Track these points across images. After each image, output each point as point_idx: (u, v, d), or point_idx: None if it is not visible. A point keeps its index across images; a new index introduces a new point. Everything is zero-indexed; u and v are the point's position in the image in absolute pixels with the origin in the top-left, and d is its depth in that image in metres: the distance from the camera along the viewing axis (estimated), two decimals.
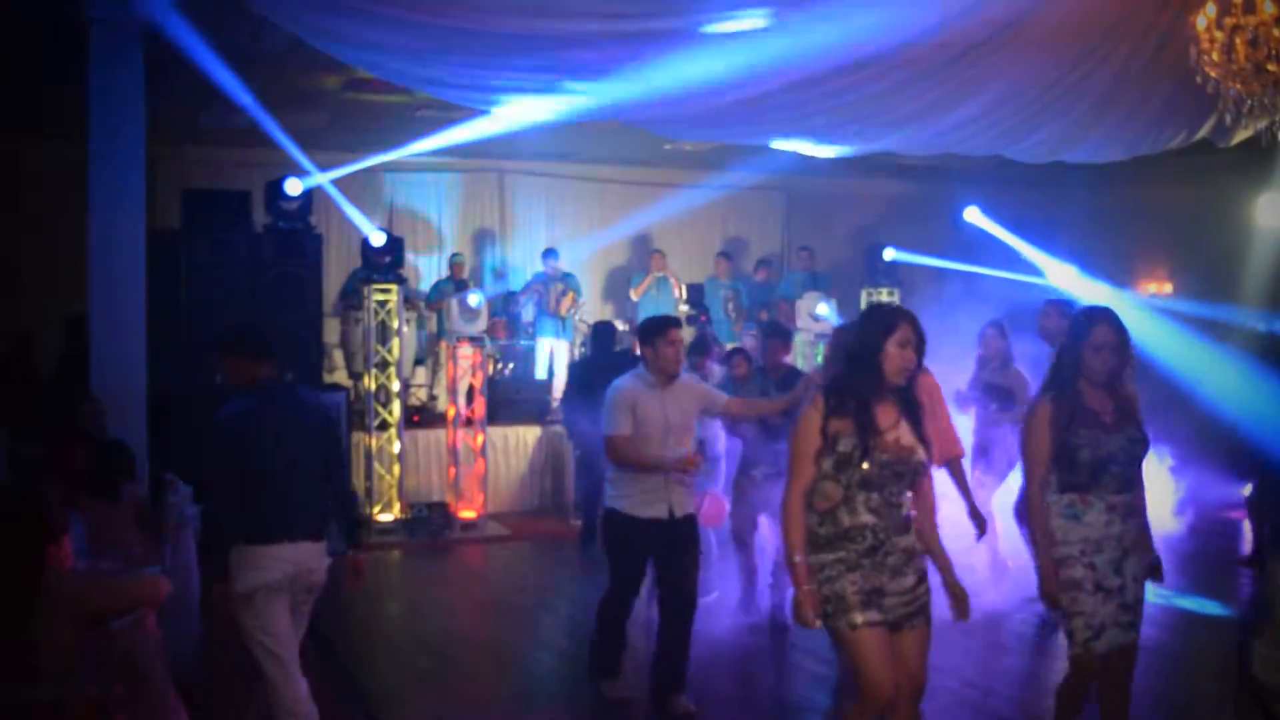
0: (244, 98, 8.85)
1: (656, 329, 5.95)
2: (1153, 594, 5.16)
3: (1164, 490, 10.05)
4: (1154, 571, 4.78)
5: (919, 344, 4.21)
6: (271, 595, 4.77)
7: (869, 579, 4.13)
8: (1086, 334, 4.67)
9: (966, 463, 6.76)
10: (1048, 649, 7.12)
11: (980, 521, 5.99)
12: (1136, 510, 4.70)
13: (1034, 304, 7.86)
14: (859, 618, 4.10)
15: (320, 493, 4.99)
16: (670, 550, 5.98)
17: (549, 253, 13.98)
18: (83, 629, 4.83)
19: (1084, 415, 4.65)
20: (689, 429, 6.09)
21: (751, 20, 6.51)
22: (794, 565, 4.19)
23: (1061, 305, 7.95)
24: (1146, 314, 12.14)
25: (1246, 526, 9.98)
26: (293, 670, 4.80)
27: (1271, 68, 6.32)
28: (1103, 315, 4.73)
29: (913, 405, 4.30)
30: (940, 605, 4.30)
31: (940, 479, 5.72)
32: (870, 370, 4.20)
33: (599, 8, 6.26)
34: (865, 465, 4.13)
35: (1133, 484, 4.70)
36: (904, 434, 4.23)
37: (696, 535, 6.18)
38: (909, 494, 4.26)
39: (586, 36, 6.49)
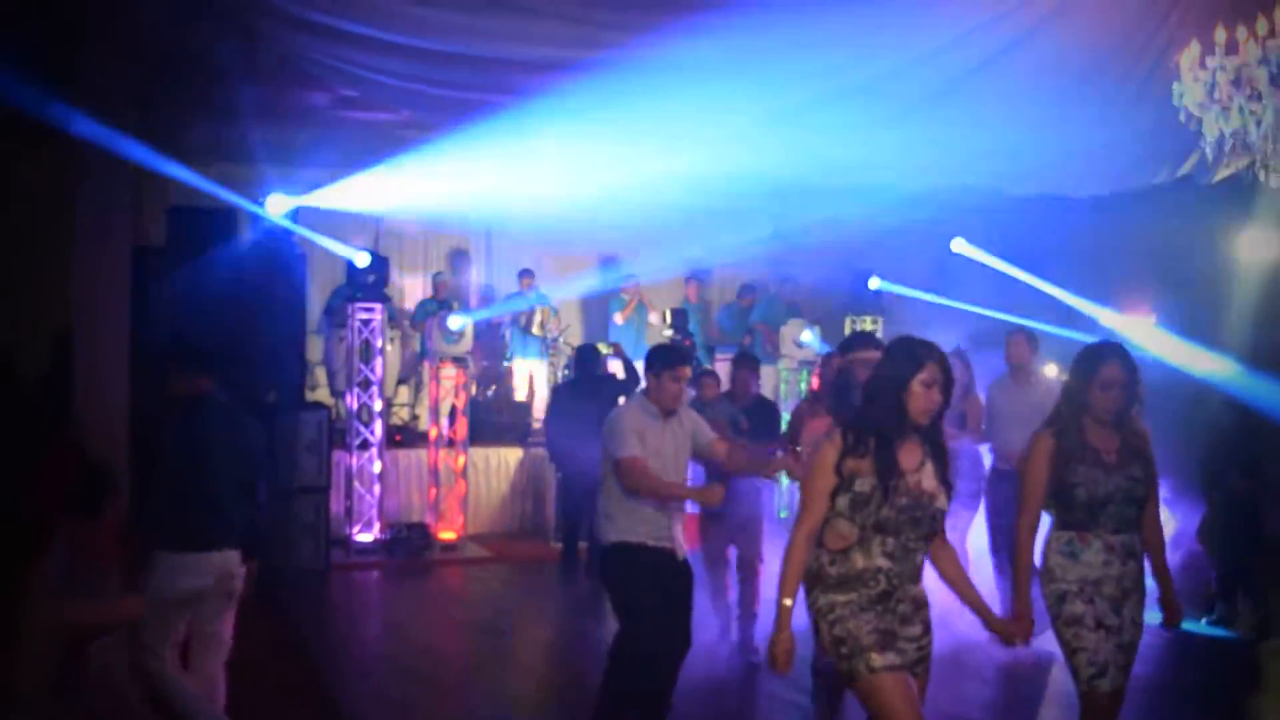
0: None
1: (665, 361, 5.67)
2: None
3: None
4: (1172, 616, 4.73)
5: (946, 384, 4.01)
6: (188, 605, 5.27)
7: (883, 622, 3.96)
8: (1095, 371, 4.58)
9: None
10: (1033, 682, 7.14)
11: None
12: (1137, 552, 4.61)
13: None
14: (877, 660, 3.90)
15: (244, 505, 5.44)
16: (670, 586, 5.61)
17: (523, 272, 14.01)
18: (61, 649, 4.80)
19: (1084, 453, 4.55)
20: (684, 465, 5.80)
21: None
22: (780, 607, 3.98)
23: (1029, 334, 8.04)
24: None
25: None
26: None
27: (1253, 108, 6.38)
28: (1112, 352, 4.64)
29: (940, 448, 4.10)
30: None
31: None
32: (893, 408, 3.99)
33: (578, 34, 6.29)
34: (884, 508, 3.94)
35: (1133, 524, 4.60)
36: (926, 478, 4.03)
37: (692, 578, 5.84)
38: (925, 541, 4.06)
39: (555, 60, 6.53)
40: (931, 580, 4.13)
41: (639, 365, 13.40)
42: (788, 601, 3.99)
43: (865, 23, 6.39)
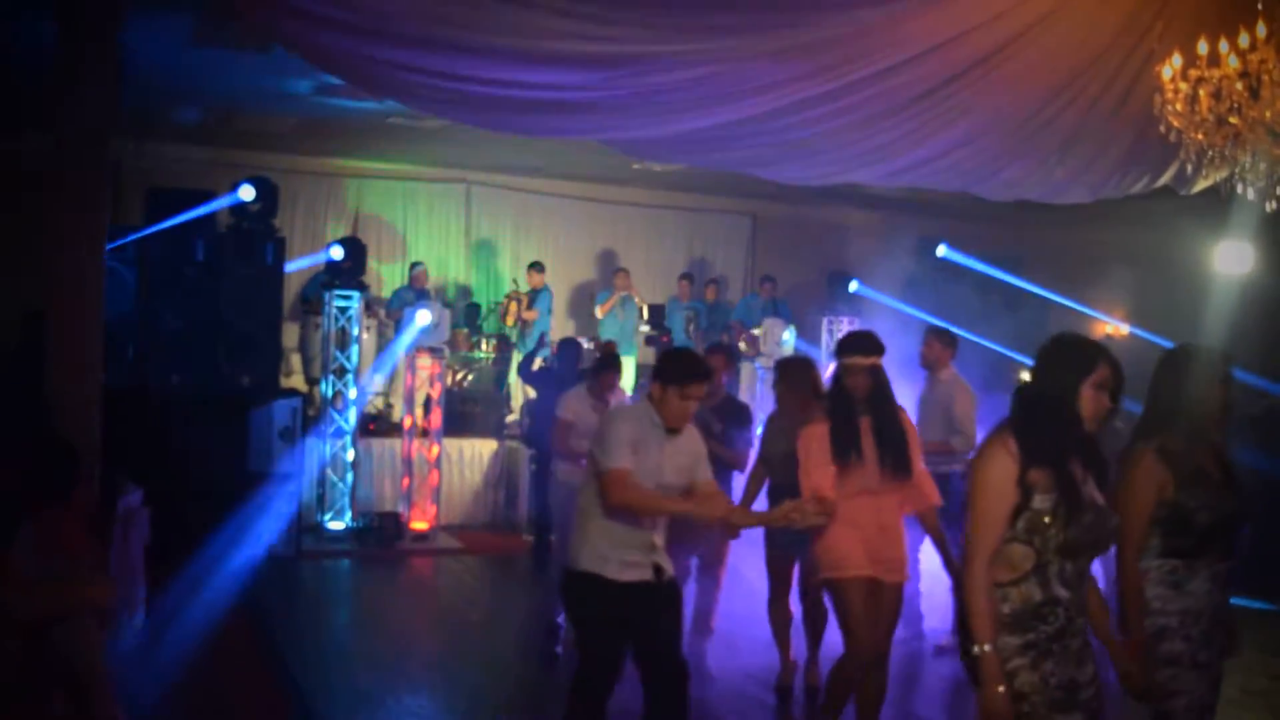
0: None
1: (681, 375, 4.88)
2: None
3: None
4: (1232, 643, 4.22)
5: (1117, 386, 3.59)
6: None
7: (1062, 668, 3.46)
8: (1211, 370, 4.11)
9: None
10: None
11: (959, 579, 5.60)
12: (1230, 580, 4.14)
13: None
14: None
15: None
16: (652, 617, 4.92)
17: (534, 265, 14.06)
18: (25, 636, 4.77)
19: (1198, 471, 4.04)
20: (678, 491, 5.01)
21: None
22: (983, 657, 3.42)
23: (943, 334, 8.04)
24: None
25: None
26: None
27: (1234, 121, 6.40)
28: (1222, 352, 4.21)
29: (1097, 456, 3.61)
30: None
31: None
32: (1063, 417, 3.51)
33: (566, 28, 6.25)
34: (1068, 528, 3.45)
35: (1234, 550, 4.12)
36: (1093, 490, 3.56)
37: (680, 597, 5.23)
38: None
39: (553, 56, 6.49)
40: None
41: (628, 361, 13.64)
42: (988, 648, 3.42)
43: (851, 28, 6.39)
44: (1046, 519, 3.45)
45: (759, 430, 7.42)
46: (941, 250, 14.14)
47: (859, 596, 5.34)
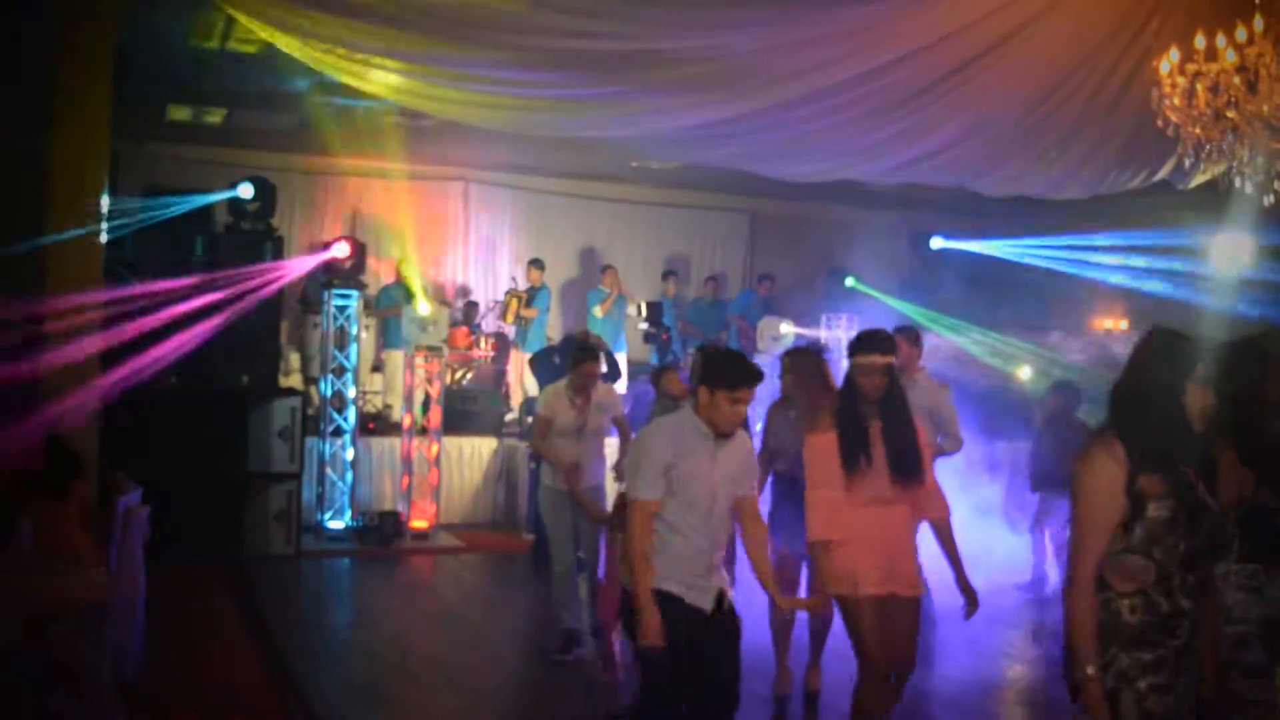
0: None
1: (732, 378, 4.54)
2: None
3: None
4: None
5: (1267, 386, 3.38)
6: None
7: (1188, 694, 3.24)
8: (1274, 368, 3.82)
9: None
10: None
11: (972, 595, 5.14)
12: None
13: None
14: None
15: None
16: (713, 649, 4.63)
17: (534, 261, 14.06)
18: (24, 632, 4.77)
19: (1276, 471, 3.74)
20: (727, 505, 4.75)
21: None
22: (1087, 682, 3.19)
23: (909, 332, 7.86)
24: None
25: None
26: None
27: (1231, 114, 6.42)
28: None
29: (1207, 459, 3.38)
30: None
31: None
32: (1172, 418, 3.26)
33: (566, 26, 6.25)
34: (1191, 537, 3.22)
35: None
36: (1205, 494, 3.31)
37: (740, 627, 4.84)
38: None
39: (553, 57, 6.49)
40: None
41: (620, 358, 13.64)
42: (1091, 670, 3.19)
43: (846, 25, 6.39)
44: (1168, 529, 3.20)
45: (758, 426, 7.38)
46: (937, 242, 14.11)
47: (871, 616, 5.01)
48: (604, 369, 10.92)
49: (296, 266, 11.79)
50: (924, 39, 6.70)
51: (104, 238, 8.02)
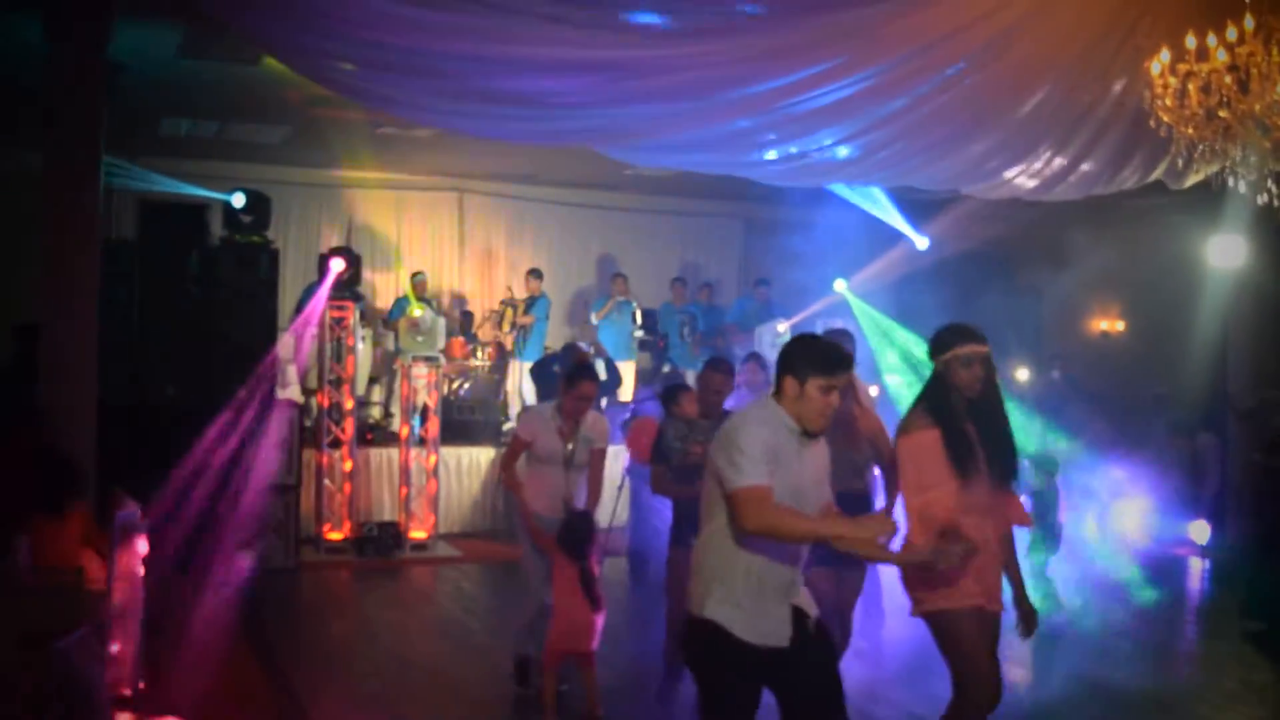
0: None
1: (826, 364, 4.00)
2: None
3: None
4: None
5: None
6: None
7: None
8: None
9: None
10: None
11: (1030, 613, 4.81)
12: None
13: None
14: None
15: None
16: (797, 682, 4.05)
17: (533, 272, 14.05)
18: (23, 648, 4.76)
19: None
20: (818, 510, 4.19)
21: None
22: None
23: (846, 336, 7.89)
24: None
25: None
26: None
27: (1223, 114, 6.41)
28: None
29: None
30: None
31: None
32: None
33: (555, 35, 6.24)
34: None
35: None
36: None
37: (833, 647, 4.36)
38: None
39: (541, 62, 6.48)
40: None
41: (626, 367, 13.64)
42: None
43: (833, 32, 6.39)
44: None
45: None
46: (924, 243, 14.10)
47: (973, 629, 4.61)
48: (603, 376, 10.99)
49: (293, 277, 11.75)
50: (911, 46, 6.70)
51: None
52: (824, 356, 4.02)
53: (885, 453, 6.03)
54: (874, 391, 13.71)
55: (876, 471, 6.37)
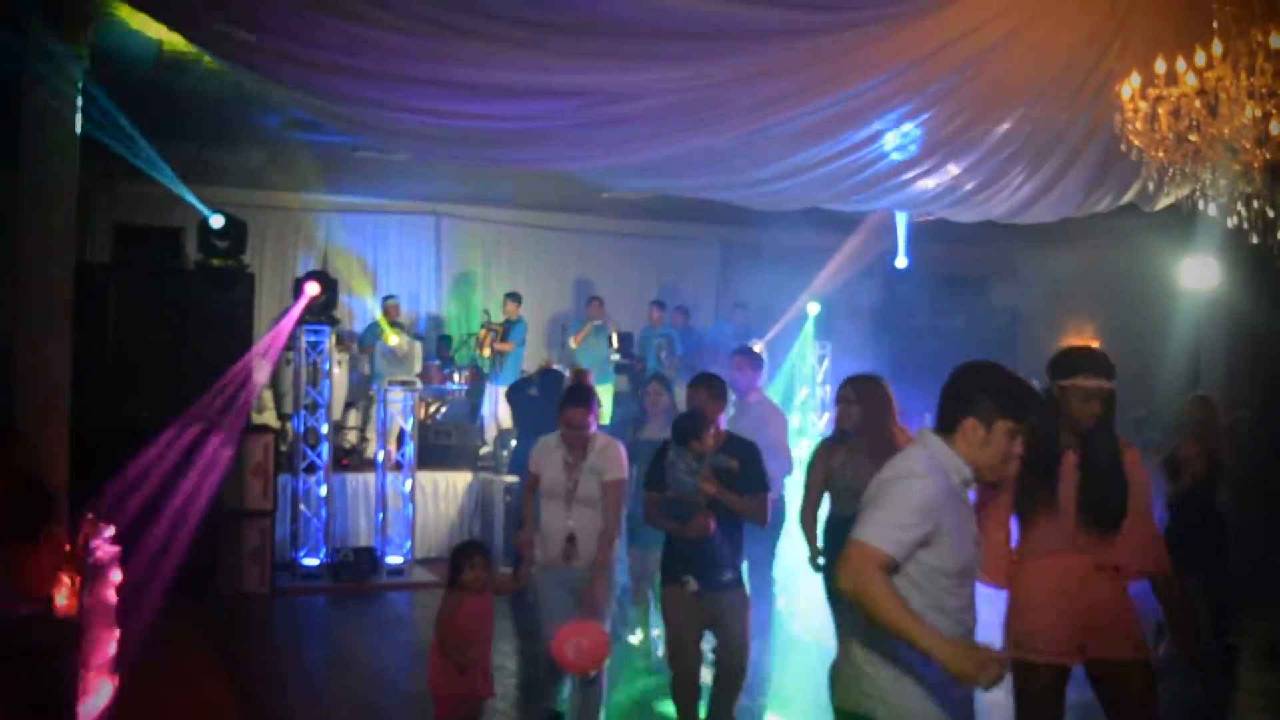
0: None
1: (1020, 404, 3.43)
2: None
3: None
4: None
5: None
6: None
7: None
8: None
9: None
10: None
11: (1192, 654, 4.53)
12: None
13: None
14: None
15: None
16: None
17: (510, 295, 14.02)
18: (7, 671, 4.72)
19: None
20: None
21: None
22: None
23: (752, 355, 8.02)
24: None
25: None
26: None
27: (1193, 138, 6.47)
28: None
29: None
30: None
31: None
32: None
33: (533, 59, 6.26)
34: None
35: None
36: None
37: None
38: None
39: (514, 88, 6.49)
40: None
41: (603, 390, 13.57)
42: None
43: (806, 55, 6.43)
44: None
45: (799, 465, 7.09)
46: (901, 262, 14.13)
47: (1040, 689, 4.30)
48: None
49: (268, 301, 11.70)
50: (885, 70, 6.75)
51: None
52: (1016, 393, 3.42)
53: None
54: None
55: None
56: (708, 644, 6.02)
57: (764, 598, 7.56)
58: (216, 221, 10.66)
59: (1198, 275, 12.92)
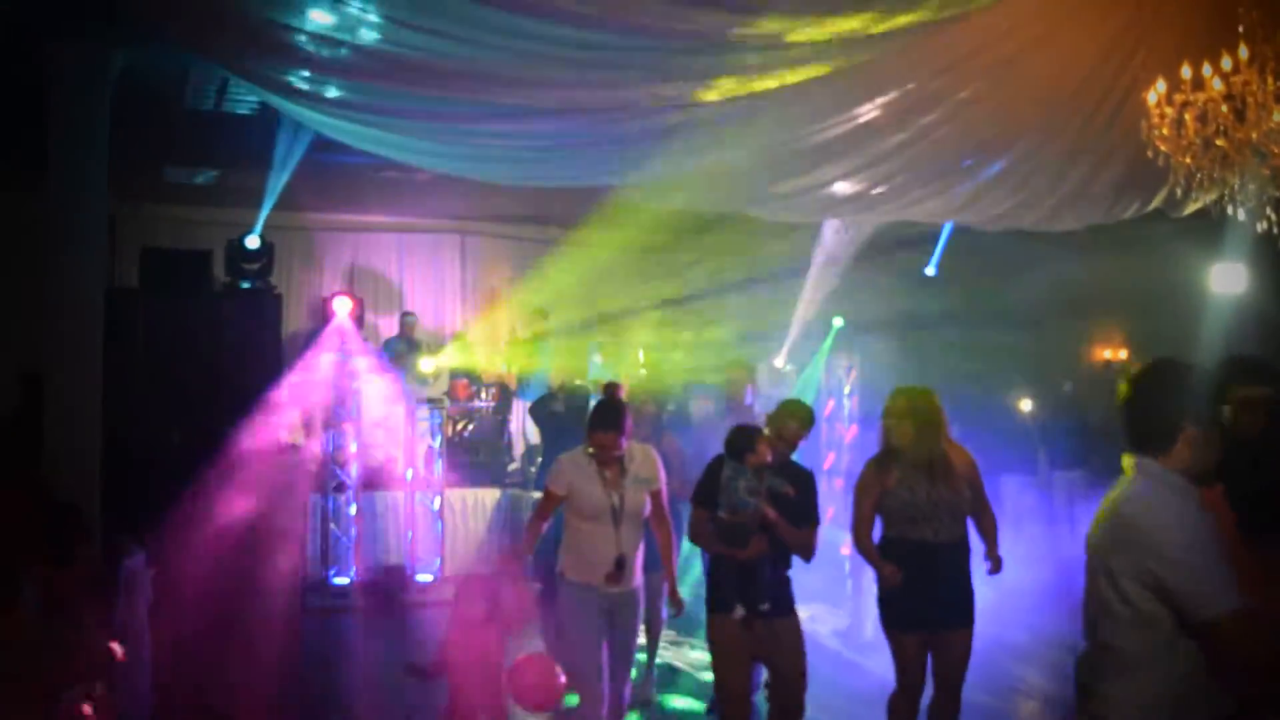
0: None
1: (1210, 400, 3.33)
2: None
3: None
4: None
5: None
6: None
7: None
8: None
9: None
10: None
11: None
12: None
13: None
14: None
15: None
16: None
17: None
18: (32, 702, 4.73)
19: None
20: None
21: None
22: None
23: (748, 365, 7.99)
24: None
25: None
26: None
27: (1220, 143, 6.44)
28: None
29: None
30: None
31: None
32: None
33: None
34: None
35: None
36: None
37: None
38: None
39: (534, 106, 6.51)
40: None
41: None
42: None
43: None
44: None
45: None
46: (930, 270, 14.08)
47: None
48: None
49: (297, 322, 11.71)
50: (911, 79, 6.74)
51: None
52: (1207, 386, 3.27)
53: (981, 495, 5.62)
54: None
55: None
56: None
57: None
58: (252, 242, 10.71)
59: (1227, 281, 12.80)
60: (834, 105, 6.83)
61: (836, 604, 10.16)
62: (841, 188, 8.29)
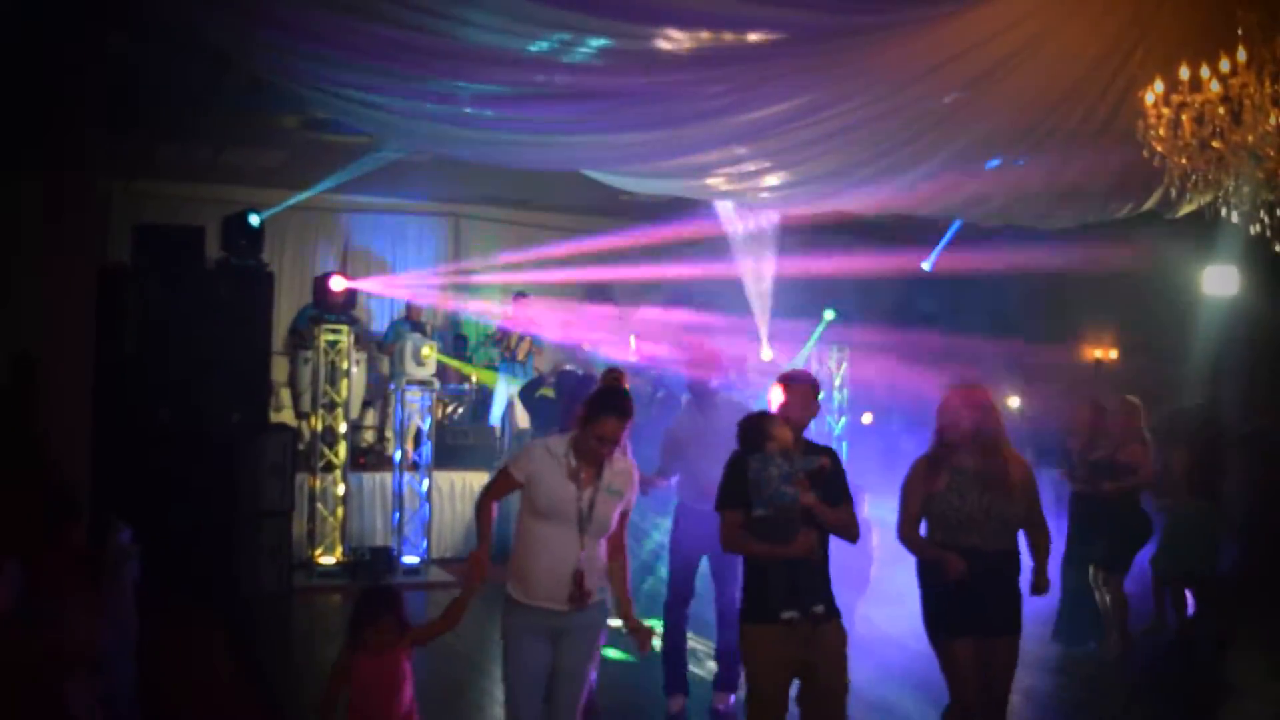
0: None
1: None
2: None
3: None
4: None
5: None
6: None
7: None
8: None
9: None
10: None
11: None
12: None
13: None
14: None
15: None
16: None
17: (519, 295, 13.98)
18: (18, 683, 4.72)
19: None
20: None
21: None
22: None
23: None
24: None
25: None
26: None
27: (1216, 144, 6.44)
28: None
29: None
30: None
31: None
32: None
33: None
34: None
35: None
36: None
37: None
38: None
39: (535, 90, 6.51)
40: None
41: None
42: None
43: (827, 60, 6.42)
44: None
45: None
46: (926, 265, 14.10)
47: None
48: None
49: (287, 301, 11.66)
50: (908, 74, 6.74)
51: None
52: None
53: (1037, 510, 5.35)
54: (867, 418, 13.73)
55: None
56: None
57: None
58: (254, 220, 10.68)
59: (1219, 283, 12.84)
60: (823, 101, 6.83)
61: None
62: (835, 179, 8.31)
